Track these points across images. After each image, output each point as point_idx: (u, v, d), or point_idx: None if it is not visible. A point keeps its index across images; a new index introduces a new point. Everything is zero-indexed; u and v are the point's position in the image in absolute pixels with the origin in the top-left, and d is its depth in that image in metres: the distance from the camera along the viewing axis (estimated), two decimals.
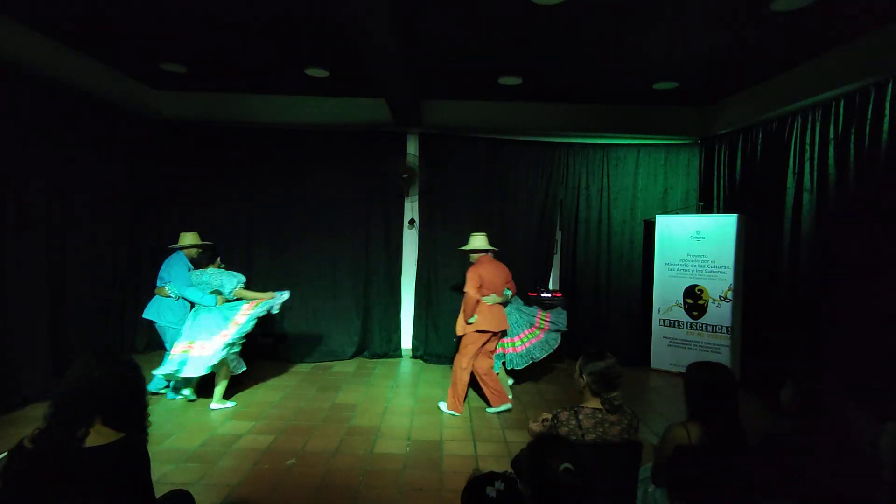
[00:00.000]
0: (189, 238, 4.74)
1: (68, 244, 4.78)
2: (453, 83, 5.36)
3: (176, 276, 4.55)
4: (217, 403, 4.35)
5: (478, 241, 4.51)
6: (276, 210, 6.02)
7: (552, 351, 4.74)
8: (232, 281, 4.37)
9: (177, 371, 4.08)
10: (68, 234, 4.77)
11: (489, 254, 4.49)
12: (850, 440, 1.99)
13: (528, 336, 4.74)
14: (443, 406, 4.46)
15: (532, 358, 4.67)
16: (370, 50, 3.76)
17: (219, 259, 4.52)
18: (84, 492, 1.48)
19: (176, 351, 4.15)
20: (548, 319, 4.83)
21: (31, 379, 4.25)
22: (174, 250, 4.73)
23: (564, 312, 4.94)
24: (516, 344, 4.72)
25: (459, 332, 4.35)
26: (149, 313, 4.65)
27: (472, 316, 4.22)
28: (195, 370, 4.09)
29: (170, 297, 4.59)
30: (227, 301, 4.41)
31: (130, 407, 1.69)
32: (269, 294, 4.46)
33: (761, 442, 2.05)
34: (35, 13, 3.88)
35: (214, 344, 4.15)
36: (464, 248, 4.60)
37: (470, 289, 4.20)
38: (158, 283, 4.68)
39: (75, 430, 1.53)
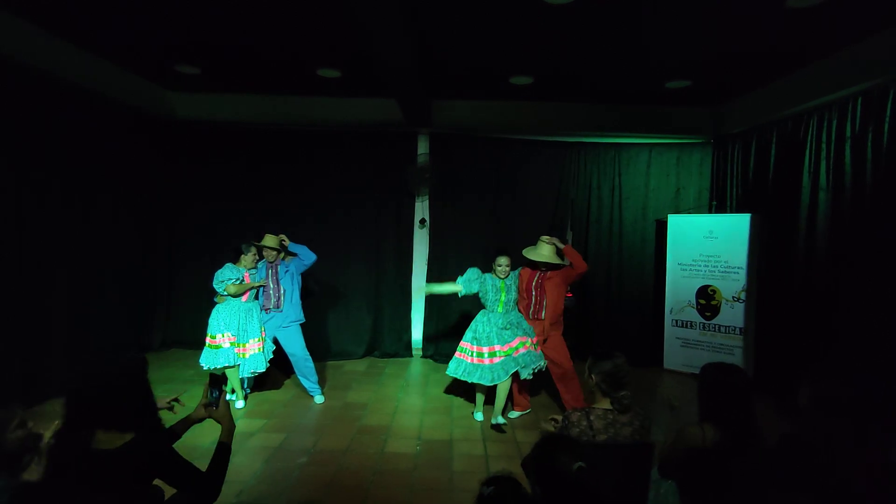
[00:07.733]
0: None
1: (86, 243, 4.85)
2: (464, 83, 5.35)
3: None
4: None
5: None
6: (287, 209, 6.05)
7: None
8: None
9: None
10: (86, 233, 4.84)
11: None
12: (866, 442, 1.96)
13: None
14: None
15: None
16: (382, 50, 3.77)
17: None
18: (95, 491, 1.49)
19: None
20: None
21: (50, 375, 4.33)
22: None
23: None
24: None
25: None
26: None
27: None
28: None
29: None
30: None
31: (129, 411, 1.67)
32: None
33: (778, 443, 2.03)
34: (49, 14, 3.93)
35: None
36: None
37: None
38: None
39: (78, 433, 1.55)
